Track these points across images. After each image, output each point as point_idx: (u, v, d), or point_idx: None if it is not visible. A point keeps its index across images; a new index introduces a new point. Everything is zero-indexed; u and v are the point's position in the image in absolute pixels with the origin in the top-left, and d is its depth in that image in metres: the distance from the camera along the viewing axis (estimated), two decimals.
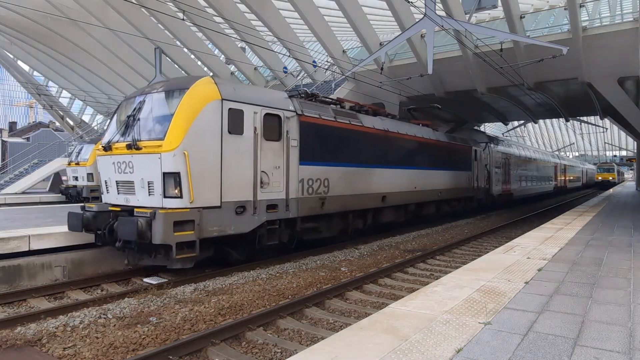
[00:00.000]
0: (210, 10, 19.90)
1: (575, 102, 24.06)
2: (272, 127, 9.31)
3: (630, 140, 59.36)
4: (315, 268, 9.56)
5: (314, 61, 20.99)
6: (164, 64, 21.12)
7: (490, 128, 48.25)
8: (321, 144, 10.71)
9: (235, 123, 8.47)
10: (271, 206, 9.24)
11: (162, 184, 7.71)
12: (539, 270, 6.39)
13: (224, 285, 7.88)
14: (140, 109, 8.42)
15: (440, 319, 4.23)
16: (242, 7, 20.28)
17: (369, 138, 12.58)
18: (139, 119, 8.31)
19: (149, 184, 7.92)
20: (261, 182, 8.94)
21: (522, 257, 7.37)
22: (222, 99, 8.28)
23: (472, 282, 5.69)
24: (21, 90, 58.42)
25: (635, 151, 49.51)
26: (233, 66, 25.80)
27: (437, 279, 7.38)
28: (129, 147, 8.06)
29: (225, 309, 6.60)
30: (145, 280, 8.42)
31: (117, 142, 8.43)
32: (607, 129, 47.51)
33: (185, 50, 24.31)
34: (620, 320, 4.27)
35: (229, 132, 8.33)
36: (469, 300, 4.85)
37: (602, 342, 3.72)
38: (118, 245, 7.89)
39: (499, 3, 16.42)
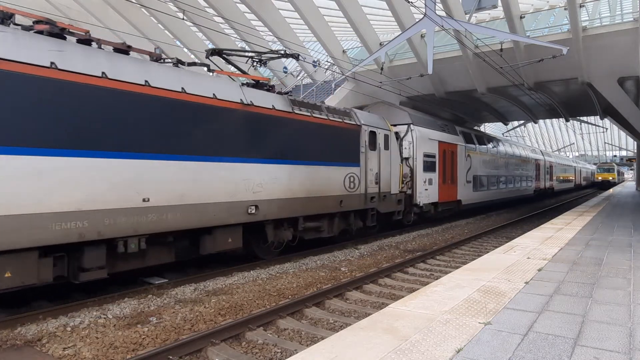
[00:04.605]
0: (210, 10, 19.90)
1: (575, 102, 24.06)
2: None
3: (630, 140, 59.35)
4: (315, 268, 9.57)
5: (314, 61, 20.97)
6: None
7: (491, 128, 48.25)
8: None
9: None
10: None
11: None
12: (539, 270, 6.39)
13: (224, 285, 7.89)
14: None
15: (440, 319, 4.23)
16: (242, 7, 20.28)
17: None
18: None
19: None
20: None
21: (522, 257, 7.37)
22: None
23: (472, 282, 5.69)
24: None
25: (635, 151, 49.54)
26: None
27: (437, 279, 7.39)
28: None
29: (225, 309, 6.61)
30: (145, 279, 8.43)
31: None
32: (607, 129, 47.50)
33: (186, 50, 24.31)
34: (620, 320, 4.27)
35: None
36: (469, 300, 4.85)
37: (602, 342, 3.72)
38: None
39: (499, 3, 16.43)
